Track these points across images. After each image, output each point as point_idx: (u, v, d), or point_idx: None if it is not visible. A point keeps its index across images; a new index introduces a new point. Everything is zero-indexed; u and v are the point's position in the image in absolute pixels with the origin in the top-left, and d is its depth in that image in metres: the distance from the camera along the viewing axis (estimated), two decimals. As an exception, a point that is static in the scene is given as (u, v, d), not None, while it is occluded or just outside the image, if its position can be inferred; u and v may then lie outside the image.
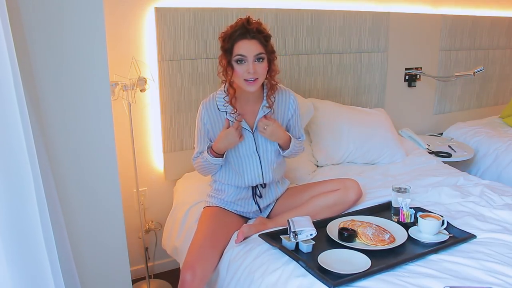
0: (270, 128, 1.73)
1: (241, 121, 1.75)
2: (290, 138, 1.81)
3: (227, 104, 1.75)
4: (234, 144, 1.74)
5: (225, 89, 1.77)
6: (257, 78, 1.67)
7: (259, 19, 1.71)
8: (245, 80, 1.67)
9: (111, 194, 1.48)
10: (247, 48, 1.64)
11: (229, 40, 1.66)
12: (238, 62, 1.66)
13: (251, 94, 1.78)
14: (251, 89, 1.69)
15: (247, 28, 1.64)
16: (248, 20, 1.66)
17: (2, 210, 1.01)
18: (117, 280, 1.56)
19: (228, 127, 1.73)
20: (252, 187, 1.85)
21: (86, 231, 1.45)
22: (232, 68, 1.67)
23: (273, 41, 1.74)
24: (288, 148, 1.81)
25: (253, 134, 1.79)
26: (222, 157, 1.76)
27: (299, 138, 1.92)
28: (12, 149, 1.03)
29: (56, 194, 1.26)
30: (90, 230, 1.46)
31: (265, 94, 1.80)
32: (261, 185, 1.86)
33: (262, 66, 1.68)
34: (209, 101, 1.80)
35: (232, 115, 1.75)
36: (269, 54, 1.70)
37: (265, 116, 1.77)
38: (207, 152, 1.76)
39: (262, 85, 1.81)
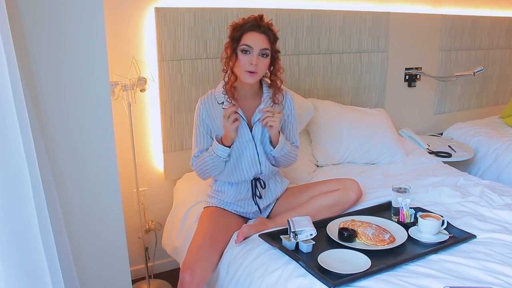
0: (278, 117, 1.71)
1: (237, 107, 1.71)
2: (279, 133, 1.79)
3: (225, 93, 1.76)
4: (232, 131, 1.70)
5: (225, 78, 1.78)
6: (256, 72, 1.69)
7: (271, 20, 1.74)
8: (246, 70, 1.69)
9: (111, 194, 1.48)
10: (255, 40, 1.67)
11: (239, 29, 1.69)
12: (243, 52, 1.68)
13: (248, 90, 1.79)
14: (249, 80, 1.71)
15: (259, 23, 1.68)
16: (261, 17, 1.71)
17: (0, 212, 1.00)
18: (117, 280, 1.56)
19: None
20: (252, 187, 1.85)
21: (86, 231, 1.45)
22: (236, 56, 1.70)
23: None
24: (277, 143, 1.77)
25: (250, 126, 1.79)
26: (229, 148, 1.74)
27: (293, 143, 1.90)
28: (10, 149, 1.02)
29: (56, 194, 1.26)
30: (90, 230, 1.46)
31: (264, 93, 1.82)
32: (260, 185, 1.86)
33: (265, 62, 1.70)
34: (207, 97, 1.81)
35: (228, 100, 1.76)
36: (274, 53, 1.74)
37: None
38: (216, 141, 1.74)
39: (261, 83, 1.82)
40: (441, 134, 3.29)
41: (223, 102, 1.78)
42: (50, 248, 1.14)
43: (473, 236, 1.63)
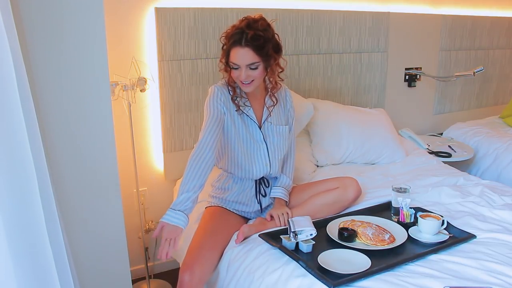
0: (285, 215, 1.76)
1: None
2: (287, 194, 1.89)
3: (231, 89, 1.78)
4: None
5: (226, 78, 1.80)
6: (253, 81, 1.70)
7: (260, 14, 1.70)
8: (240, 81, 1.70)
9: (111, 194, 1.48)
10: (240, 57, 1.65)
11: (227, 42, 1.68)
12: (232, 68, 1.69)
13: (256, 88, 1.80)
14: (246, 90, 1.73)
15: (244, 33, 1.62)
16: (248, 23, 1.64)
17: (6, 209, 1.01)
18: (117, 280, 1.56)
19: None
20: (256, 184, 1.86)
21: (86, 231, 1.45)
22: (230, 69, 1.71)
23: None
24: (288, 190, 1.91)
25: (260, 125, 1.82)
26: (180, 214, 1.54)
27: (290, 130, 1.93)
28: (17, 148, 1.03)
29: (52, 194, 1.26)
30: (90, 230, 1.46)
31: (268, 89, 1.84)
32: (264, 184, 1.87)
33: (256, 73, 1.69)
34: (222, 85, 1.79)
35: (247, 102, 1.79)
36: (266, 61, 1.68)
37: (271, 216, 1.79)
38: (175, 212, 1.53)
39: (264, 79, 1.83)
40: (441, 134, 3.29)
41: (236, 98, 1.78)
42: (59, 245, 1.14)
43: (473, 236, 1.63)
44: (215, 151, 1.66)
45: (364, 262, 1.44)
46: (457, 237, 1.63)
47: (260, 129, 1.82)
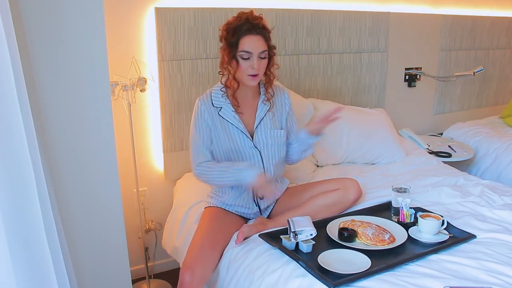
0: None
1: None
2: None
3: (224, 95, 1.77)
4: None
5: (223, 81, 1.79)
6: (257, 75, 1.70)
7: (261, 14, 1.72)
8: (248, 75, 1.69)
9: (111, 194, 1.48)
10: (253, 44, 1.66)
11: (234, 33, 1.66)
12: (243, 58, 1.67)
13: (249, 90, 1.80)
14: (253, 83, 1.72)
15: (253, 23, 1.65)
16: (252, 14, 1.69)
17: (5, 209, 1.01)
18: (117, 280, 1.56)
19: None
20: (252, 189, 1.85)
21: (86, 231, 1.45)
22: (237, 62, 1.68)
23: (273, 41, 1.76)
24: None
25: (252, 133, 1.80)
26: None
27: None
28: (14, 148, 1.03)
29: (47, 193, 1.26)
30: (90, 230, 1.46)
31: (262, 89, 1.83)
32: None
33: (264, 63, 1.71)
34: (206, 97, 1.80)
35: (233, 111, 1.76)
36: (270, 50, 1.73)
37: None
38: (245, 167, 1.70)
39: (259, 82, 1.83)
40: (441, 134, 3.29)
41: (221, 108, 1.77)
42: (55, 246, 1.14)
43: (473, 236, 1.63)
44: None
45: (364, 262, 1.44)
46: (457, 237, 1.63)
47: (251, 137, 1.79)
